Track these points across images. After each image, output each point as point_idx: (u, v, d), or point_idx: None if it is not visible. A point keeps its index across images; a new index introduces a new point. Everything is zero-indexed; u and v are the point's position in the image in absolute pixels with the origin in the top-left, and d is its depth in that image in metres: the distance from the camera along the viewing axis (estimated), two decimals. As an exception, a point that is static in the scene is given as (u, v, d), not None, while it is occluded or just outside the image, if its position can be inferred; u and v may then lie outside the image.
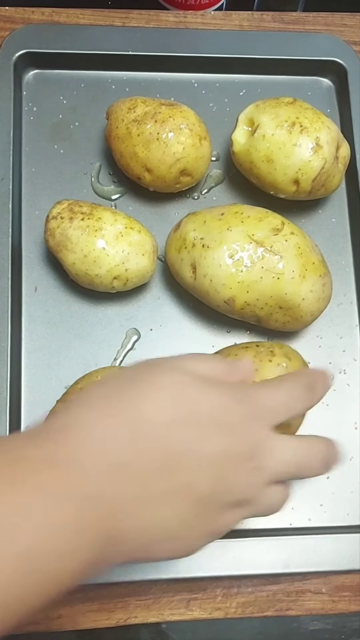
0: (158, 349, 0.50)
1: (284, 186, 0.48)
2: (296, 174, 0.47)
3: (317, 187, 0.48)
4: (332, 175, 0.49)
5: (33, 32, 0.54)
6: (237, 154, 0.50)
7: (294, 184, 0.48)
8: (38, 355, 0.49)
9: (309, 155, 0.47)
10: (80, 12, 0.57)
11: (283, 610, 0.47)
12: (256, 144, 0.48)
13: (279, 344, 0.45)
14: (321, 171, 0.47)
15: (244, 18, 0.58)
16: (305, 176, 0.47)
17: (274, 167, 0.48)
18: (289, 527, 0.47)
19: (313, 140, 0.47)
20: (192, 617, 0.46)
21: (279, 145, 0.47)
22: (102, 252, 0.46)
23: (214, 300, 0.46)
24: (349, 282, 0.53)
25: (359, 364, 0.51)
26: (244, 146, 0.49)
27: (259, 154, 0.48)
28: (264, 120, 0.48)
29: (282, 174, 0.48)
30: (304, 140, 0.47)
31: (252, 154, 0.48)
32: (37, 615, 0.39)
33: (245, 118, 0.50)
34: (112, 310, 0.50)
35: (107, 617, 0.46)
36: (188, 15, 0.58)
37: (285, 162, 0.47)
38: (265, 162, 0.48)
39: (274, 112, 0.48)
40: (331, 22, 0.59)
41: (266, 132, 0.48)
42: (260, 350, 0.44)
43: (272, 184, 0.49)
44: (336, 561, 0.45)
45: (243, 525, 0.47)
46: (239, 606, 0.46)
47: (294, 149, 0.47)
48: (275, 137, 0.47)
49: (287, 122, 0.47)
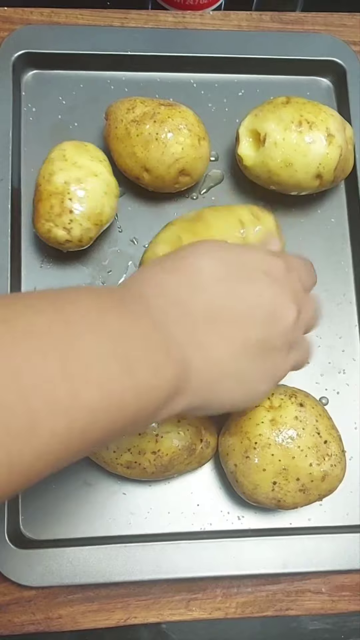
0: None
1: (307, 184, 0.49)
2: (317, 169, 0.48)
3: (338, 175, 0.49)
4: (347, 159, 0.50)
5: (32, 32, 0.54)
6: (251, 168, 0.50)
7: (317, 178, 0.49)
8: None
9: (325, 148, 0.47)
10: (79, 13, 0.57)
11: (283, 610, 0.47)
12: (270, 153, 0.48)
13: None
14: (340, 159, 0.48)
15: (242, 18, 0.58)
16: (327, 168, 0.48)
17: (294, 169, 0.48)
18: (288, 527, 0.47)
19: (324, 133, 0.47)
20: (192, 617, 0.46)
21: (294, 148, 0.47)
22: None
23: None
24: (348, 282, 0.53)
25: (358, 364, 0.51)
26: (257, 158, 0.49)
27: (276, 162, 0.48)
28: (271, 128, 0.48)
29: (304, 173, 0.48)
30: (316, 136, 0.47)
31: (268, 163, 0.48)
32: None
33: (246, 131, 0.50)
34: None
35: (107, 617, 0.46)
36: (187, 15, 0.58)
37: (304, 161, 0.48)
38: (285, 167, 0.48)
39: (277, 117, 0.48)
40: (330, 22, 0.59)
41: (276, 138, 0.48)
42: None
43: (296, 185, 0.49)
44: (336, 561, 0.45)
45: (243, 525, 0.47)
46: (238, 606, 0.46)
47: (309, 147, 0.47)
48: (287, 141, 0.47)
49: (292, 122, 0.48)
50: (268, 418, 0.42)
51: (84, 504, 0.47)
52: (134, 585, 0.46)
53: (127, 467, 0.43)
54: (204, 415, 0.40)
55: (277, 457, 0.42)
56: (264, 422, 0.42)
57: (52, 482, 0.47)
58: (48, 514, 0.46)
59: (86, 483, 0.47)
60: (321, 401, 0.49)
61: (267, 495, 0.42)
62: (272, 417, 0.43)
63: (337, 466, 0.43)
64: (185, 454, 0.43)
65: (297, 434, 0.42)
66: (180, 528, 0.47)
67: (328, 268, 0.53)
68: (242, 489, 0.43)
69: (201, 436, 0.44)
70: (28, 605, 0.45)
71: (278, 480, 0.42)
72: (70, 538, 0.46)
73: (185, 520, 0.47)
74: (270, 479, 0.42)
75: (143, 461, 0.43)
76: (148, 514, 0.47)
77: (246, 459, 0.42)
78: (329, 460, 0.42)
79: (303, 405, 0.43)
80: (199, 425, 0.44)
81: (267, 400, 0.43)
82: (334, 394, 0.50)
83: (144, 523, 0.47)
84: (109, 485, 0.47)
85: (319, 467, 0.42)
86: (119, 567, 0.44)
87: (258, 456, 0.42)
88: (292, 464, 0.42)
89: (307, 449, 0.42)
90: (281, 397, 0.44)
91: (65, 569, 0.44)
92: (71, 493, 0.47)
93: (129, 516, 0.47)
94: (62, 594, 0.46)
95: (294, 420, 0.42)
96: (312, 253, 0.52)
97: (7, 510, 0.45)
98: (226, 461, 0.44)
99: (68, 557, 0.44)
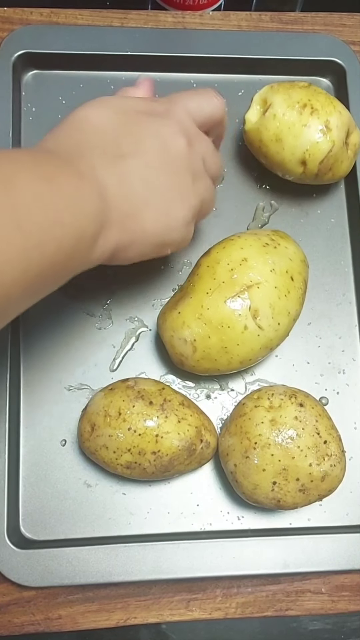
0: (157, 349, 0.50)
1: (291, 166, 0.49)
2: (304, 154, 0.48)
3: (324, 171, 0.49)
4: (340, 160, 0.49)
5: (32, 32, 0.54)
6: (248, 132, 0.50)
7: (301, 164, 0.48)
8: (37, 356, 0.49)
9: (317, 137, 0.47)
10: (79, 13, 0.57)
11: (283, 610, 0.47)
12: (266, 123, 0.48)
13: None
14: (329, 154, 0.48)
15: (242, 18, 0.58)
16: (312, 157, 0.48)
17: (282, 146, 0.48)
18: (288, 527, 0.47)
19: (323, 123, 0.47)
20: (192, 617, 0.46)
21: (288, 125, 0.48)
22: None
23: None
24: (347, 282, 0.53)
25: (358, 364, 0.51)
26: (255, 125, 0.50)
27: (268, 133, 0.48)
28: (277, 101, 0.48)
29: (290, 153, 0.48)
30: (313, 122, 0.47)
31: (262, 132, 0.49)
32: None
33: (259, 98, 0.50)
34: (112, 310, 0.50)
35: (106, 617, 0.46)
36: (186, 15, 0.58)
37: (293, 142, 0.48)
38: (274, 142, 0.48)
39: (287, 94, 0.49)
40: (330, 22, 0.59)
41: (277, 111, 0.48)
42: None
43: (280, 163, 0.49)
44: (336, 561, 0.45)
45: (243, 526, 0.47)
46: (238, 606, 0.46)
47: (302, 130, 0.47)
48: (285, 117, 0.48)
49: (298, 103, 0.48)
50: (268, 418, 0.42)
51: (84, 504, 0.47)
52: (133, 586, 0.46)
53: (127, 467, 0.43)
54: (135, 260, 0.41)
55: (277, 457, 0.42)
56: (264, 422, 0.42)
57: (52, 482, 0.47)
58: (48, 514, 0.46)
59: (86, 483, 0.47)
60: (321, 401, 0.49)
61: (266, 495, 0.42)
62: (272, 417, 0.43)
63: (337, 466, 0.43)
64: (185, 454, 0.43)
65: (296, 434, 0.42)
66: (180, 528, 0.47)
67: (328, 268, 0.53)
68: (242, 489, 0.43)
69: (201, 436, 0.44)
70: (28, 606, 0.45)
71: (278, 480, 0.42)
72: (70, 538, 0.46)
73: (185, 520, 0.47)
74: (270, 479, 0.42)
75: (143, 461, 0.43)
76: (148, 514, 0.47)
77: (246, 459, 0.42)
78: (328, 460, 0.42)
79: (303, 405, 0.43)
80: (199, 425, 0.44)
81: (267, 400, 0.43)
82: (333, 394, 0.50)
83: (143, 523, 0.47)
84: (108, 486, 0.47)
85: (319, 467, 0.42)
86: (119, 567, 0.44)
87: (258, 456, 0.42)
88: (292, 464, 0.42)
89: (306, 449, 0.42)
90: (281, 397, 0.44)
91: (65, 569, 0.44)
92: (71, 493, 0.47)
93: (129, 516, 0.47)
94: (62, 594, 0.46)
95: (293, 420, 0.42)
96: (312, 253, 0.52)
97: (7, 510, 0.45)
98: (226, 461, 0.44)
99: (68, 557, 0.44)
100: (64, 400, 0.48)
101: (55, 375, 0.49)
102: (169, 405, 0.44)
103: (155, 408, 0.43)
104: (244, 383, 0.50)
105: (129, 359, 0.50)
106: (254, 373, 0.50)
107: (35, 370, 0.49)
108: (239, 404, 0.45)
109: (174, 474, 0.45)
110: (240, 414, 0.44)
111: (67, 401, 0.48)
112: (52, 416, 0.48)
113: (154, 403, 0.43)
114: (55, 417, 0.48)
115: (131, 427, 0.42)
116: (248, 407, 0.44)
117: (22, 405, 0.48)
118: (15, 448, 0.47)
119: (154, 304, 0.51)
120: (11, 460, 0.46)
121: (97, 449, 0.44)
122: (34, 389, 0.48)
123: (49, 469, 0.47)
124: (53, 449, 0.47)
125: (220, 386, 0.50)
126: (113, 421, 0.43)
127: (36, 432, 0.48)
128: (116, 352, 0.50)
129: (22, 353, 0.49)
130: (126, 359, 0.50)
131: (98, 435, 0.43)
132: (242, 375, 0.50)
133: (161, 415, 0.43)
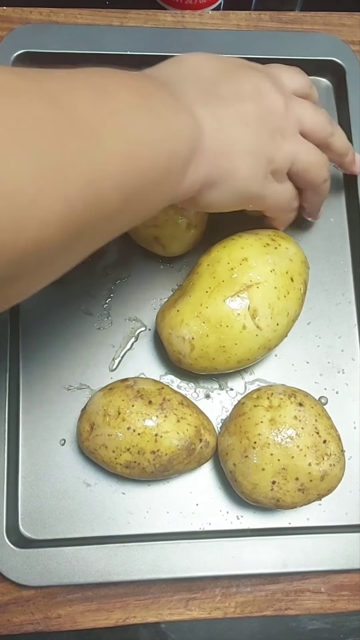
0: (156, 349, 0.50)
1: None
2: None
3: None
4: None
5: (31, 31, 0.54)
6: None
7: None
8: (36, 356, 0.49)
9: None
10: (78, 12, 0.57)
11: (282, 610, 0.47)
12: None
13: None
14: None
15: (241, 18, 0.58)
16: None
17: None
18: (288, 527, 0.47)
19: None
20: (191, 616, 0.46)
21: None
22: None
23: None
24: (347, 281, 0.53)
25: (357, 364, 0.51)
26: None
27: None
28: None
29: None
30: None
31: None
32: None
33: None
34: (111, 310, 0.50)
35: (106, 616, 0.46)
36: (186, 15, 0.57)
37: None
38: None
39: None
40: (329, 22, 0.59)
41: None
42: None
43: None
44: (335, 560, 0.45)
45: (242, 525, 0.47)
46: (237, 606, 0.46)
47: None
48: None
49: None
50: (267, 417, 0.42)
51: (83, 504, 0.47)
52: (133, 585, 0.46)
53: (126, 466, 0.43)
54: (217, 207, 0.40)
55: (276, 457, 0.42)
56: (263, 422, 0.42)
57: (51, 481, 0.47)
58: (47, 514, 0.46)
59: (85, 483, 0.47)
60: (320, 401, 0.49)
61: (266, 494, 0.42)
62: (271, 416, 0.43)
63: (336, 466, 0.43)
64: (184, 453, 0.43)
65: (296, 434, 0.42)
66: (179, 528, 0.47)
67: (327, 268, 0.53)
68: (241, 489, 0.43)
69: (200, 436, 0.44)
70: (27, 605, 0.45)
71: (277, 479, 0.42)
72: (69, 538, 0.46)
73: (184, 520, 0.47)
74: (269, 478, 0.42)
75: (142, 461, 0.43)
76: (147, 514, 0.47)
77: (245, 458, 0.42)
78: (328, 459, 0.42)
79: (302, 404, 0.43)
80: (198, 425, 0.44)
81: (267, 400, 0.43)
82: (333, 393, 0.50)
83: (143, 523, 0.47)
84: (108, 485, 0.47)
85: (318, 467, 0.42)
86: (118, 566, 0.44)
87: (257, 456, 0.42)
88: (291, 463, 0.42)
89: (306, 449, 0.42)
90: (280, 396, 0.44)
91: (64, 569, 0.44)
92: (70, 493, 0.47)
93: (128, 516, 0.47)
94: (61, 593, 0.46)
95: (293, 419, 0.42)
96: (312, 253, 0.52)
97: (6, 509, 0.45)
98: (225, 461, 0.44)
99: (67, 556, 0.44)
100: (64, 400, 0.48)
101: (55, 375, 0.49)
102: (168, 404, 0.44)
103: (154, 407, 0.43)
104: (243, 382, 0.50)
105: (128, 358, 0.50)
106: (253, 372, 0.50)
107: (34, 369, 0.49)
108: (239, 403, 0.46)
109: (173, 474, 0.45)
110: (240, 414, 0.44)
111: (66, 401, 0.48)
112: (52, 416, 0.48)
113: (153, 402, 0.43)
114: (54, 417, 0.48)
115: (130, 427, 0.42)
116: (247, 406, 0.44)
117: (21, 404, 0.48)
118: (15, 447, 0.47)
119: (153, 304, 0.51)
120: (10, 460, 0.46)
121: (97, 448, 0.44)
122: (33, 389, 0.48)
123: (48, 468, 0.47)
124: (52, 449, 0.47)
125: (220, 386, 0.50)
126: (112, 420, 0.43)
127: (35, 431, 0.48)
128: (115, 351, 0.50)
129: (22, 353, 0.49)
130: (125, 359, 0.50)
131: (97, 434, 0.43)
132: (242, 374, 0.50)
133: (160, 414, 0.43)
